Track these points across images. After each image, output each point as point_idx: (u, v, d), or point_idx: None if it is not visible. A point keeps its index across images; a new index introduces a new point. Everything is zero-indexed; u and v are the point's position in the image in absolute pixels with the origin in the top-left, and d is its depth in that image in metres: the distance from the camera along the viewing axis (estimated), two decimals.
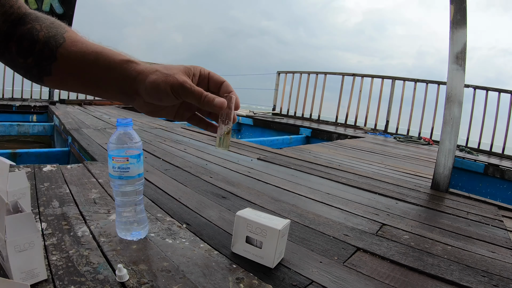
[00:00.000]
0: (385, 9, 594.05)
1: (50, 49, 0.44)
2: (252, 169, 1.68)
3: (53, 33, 0.45)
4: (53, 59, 0.44)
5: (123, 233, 0.76)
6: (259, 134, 4.86)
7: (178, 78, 0.42)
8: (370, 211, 1.19)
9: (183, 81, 0.42)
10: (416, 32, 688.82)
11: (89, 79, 0.45)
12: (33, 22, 0.45)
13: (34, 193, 1.00)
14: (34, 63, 0.44)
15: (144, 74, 0.43)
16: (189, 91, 0.42)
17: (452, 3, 1.51)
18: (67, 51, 0.44)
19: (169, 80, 0.41)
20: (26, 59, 0.44)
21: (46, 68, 0.44)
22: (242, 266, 0.70)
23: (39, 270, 0.56)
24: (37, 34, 0.44)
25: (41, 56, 0.44)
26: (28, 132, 3.43)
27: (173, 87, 0.41)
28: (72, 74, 0.45)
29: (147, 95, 0.43)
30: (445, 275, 0.75)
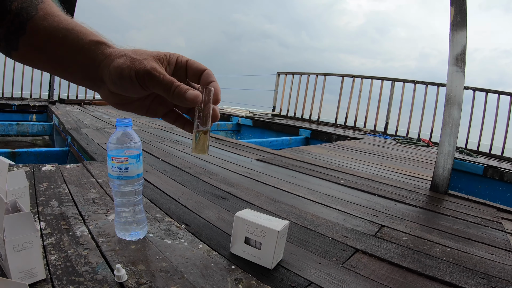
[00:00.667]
0: (387, 11, 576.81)
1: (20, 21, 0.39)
2: (251, 170, 1.68)
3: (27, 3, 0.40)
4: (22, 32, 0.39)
5: (122, 233, 0.76)
6: (258, 135, 4.86)
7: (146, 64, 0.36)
8: (369, 212, 1.19)
9: (151, 68, 0.36)
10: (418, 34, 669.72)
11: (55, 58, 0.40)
12: None
13: (33, 192, 1.00)
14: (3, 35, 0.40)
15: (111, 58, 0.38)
16: (156, 80, 0.36)
17: (452, 5, 1.51)
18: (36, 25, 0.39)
19: (134, 65, 0.36)
20: None
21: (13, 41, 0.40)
22: (241, 267, 0.69)
23: (38, 270, 0.56)
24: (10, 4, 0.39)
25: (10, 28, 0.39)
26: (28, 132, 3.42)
27: (138, 74, 0.36)
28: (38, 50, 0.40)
29: (111, 83, 0.38)
30: (444, 276, 0.75)
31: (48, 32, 0.39)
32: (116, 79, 0.37)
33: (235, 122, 5.16)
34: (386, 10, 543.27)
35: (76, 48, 0.38)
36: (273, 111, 6.43)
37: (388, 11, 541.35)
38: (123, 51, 0.38)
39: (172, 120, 0.43)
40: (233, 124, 5.14)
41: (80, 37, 0.39)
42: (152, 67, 0.36)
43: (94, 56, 0.38)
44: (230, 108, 6.62)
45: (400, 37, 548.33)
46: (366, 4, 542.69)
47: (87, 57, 0.38)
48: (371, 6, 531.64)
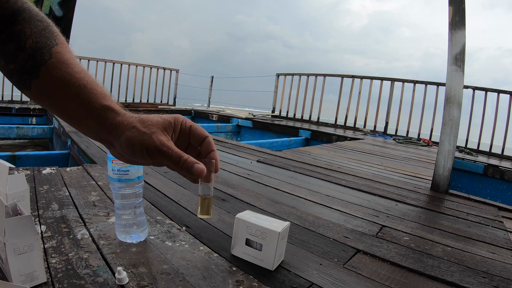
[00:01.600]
0: (390, 11, 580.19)
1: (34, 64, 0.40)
2: (251, 171, 1.68)
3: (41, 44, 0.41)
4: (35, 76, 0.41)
5: (123, 235, 0.76)
6: (258, 136, 4.86)
7: (154, 139, 0.39)
8: (370, 213, 1.19)
9: (160, 144, 0.39)
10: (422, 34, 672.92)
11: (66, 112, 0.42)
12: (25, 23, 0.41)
13: (34, 195, 1.00)
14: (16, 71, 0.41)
15: (120, 129, 0.40)
16: (166, 155, 0.39)
17: (451, 5, 1.51)
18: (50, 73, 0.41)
19: (145, 141, 0.39)
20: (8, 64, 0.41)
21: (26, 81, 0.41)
22: (242, 269, 0.69)
23: (39, 273, 0.56)
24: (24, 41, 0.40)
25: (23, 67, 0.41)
26: (28, 135, 3.42)
27: (149, 149, 0.39)
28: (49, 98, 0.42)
29: (122, 151, 0.41)
30: (445, 276, 0.75)
31: (60, 85, 0.40)
32: (128, 151, 0.40)
33: (235, 123, 5.16)
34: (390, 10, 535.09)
35: (87, 111, 0.41)
36: (273, 112, 6.44)
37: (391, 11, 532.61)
38: (132, 122, 0.41)
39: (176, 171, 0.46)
40: (233, 125, 5.14)
41: (92, 99, 0.41)
42: (161, 143, 0.39)
43: (104, 124, 0.41)
44: (230, 109, 6.63)
45: (404, 37, 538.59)
46: (369, 5, 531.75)
47: (97, 123, 0.41)
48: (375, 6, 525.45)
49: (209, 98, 7.41)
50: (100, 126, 0.41)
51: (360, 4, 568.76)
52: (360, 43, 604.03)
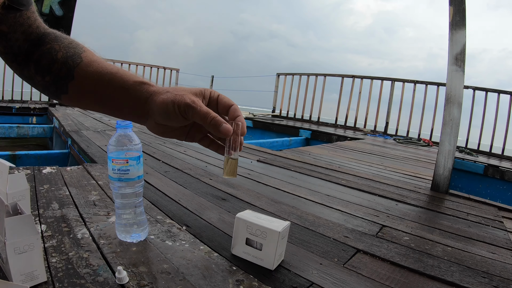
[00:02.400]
0: (394, 11, 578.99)
1: (67, 68, 0.46)
2: (252, 171, 1.68)
3: (71, 53, 0.47)
4: (70, 78, 0.46)
5: (123, 235, 0.76)
6: (258, 136, 4.86)
7: (186, 98, 0.42)
8: (370, 212, 1.19)
9: (191, 101, 0.42)
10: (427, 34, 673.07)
11: (104, 98, 0.46)
12: (52, 42, 0.47)
13: (34, 195, 1.00)
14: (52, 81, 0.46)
15: (156, 95, 0.44)
16: (195, 111, 0.42)
17: (451, 4, 1.51)
18: (83, 71, 0.46)
19: (177, 99, 0.42)
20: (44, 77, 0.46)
21: (63, 86, 0.46)
22: (242, 268, 0.69)
23: (39, 272, 0.56)
24: (55, 54, 0.46)
25: (58, 75, 0.46)
26: (28, 134, 3.42)
27: (180, 107, 0.42)
28: (88, 92, 0.47)
29: (158, 115, 0.43)
30: (446, 276, 0.75)
31: (95, 77, 0.45)
32: (162, 112, 0.43)
33: None
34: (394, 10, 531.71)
35: (122, 89, 0.45)
36: (273, 112, 6.44)
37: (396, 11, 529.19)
38: (166, 88, 0.45)
39: (207, 144, 0.49)
40: None
41: (125, 79, 0.45)
42: (191, 100, 0.42)
43: (139, 95, 0.45)
44: None
45: (408, 37, 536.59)
46: (373, 4, 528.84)
47: (133, 96, 0.45)
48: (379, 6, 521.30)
49: None
50: (137, 99, 0.45)
51: (364, 3, 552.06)
52: (364, 43, 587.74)
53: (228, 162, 0.47)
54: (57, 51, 0.46)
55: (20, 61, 0.47)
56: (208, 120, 0.42)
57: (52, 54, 0.46)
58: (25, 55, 0.47)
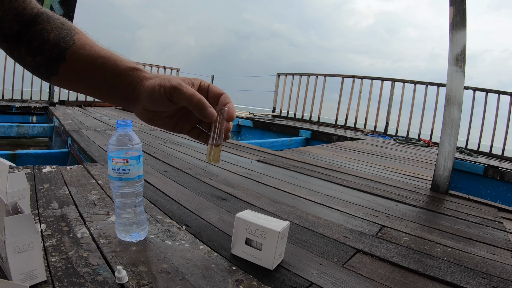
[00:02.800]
0: (396, 11, 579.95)
1: (59, 50, 0.45)
2: (251, 171, 1.68)
3: (63, 34, 0.46)
4: (62, 59, 0.45)
5: (123, 234, 0.76)
6: (259, 136, 4.86)
7: (173, 81, 0.42)
8: (370, 213, 1.19)
9: (176, 83, 0.42)
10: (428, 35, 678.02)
11: (94, 82, 0.46)
12: (44, 22, 0.46)
13: (34, 194, 1.00)
14: (43, 62, 0.46)
15: (145, 80, 0.44)
16: (181, 92, 0.42)
17: (452, 5, 1.51)
18: (76, 54, 0.45)
19: (163, 83, 0.42)
20: (35, 57, 0.46)
21: (53, 68, 0.46)
22: (242, 268, 0.69)
23: (39, 272, 0.56)
24: (47, 35, 0.45)
25: (50, 56, 0.45)
26: (28, 133, 3.43)
27: (166, 89, 0.42)
28: (78, 75, 0.46)
29: (145, 100, 0.43)
30: (445, 276, 0.75)
31: (87, 60, 0.45)
32: (149, 94, 0.43)
33: (236, 123, 5.16)
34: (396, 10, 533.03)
35: (115, 73, 0.45)
36: (273, 112, 6.43)
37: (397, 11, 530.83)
38: (156, 74, 0.45)
39: (196, 135, 0.48)
40: (234, 125, 5.12)
41: (118, 64, 0.45)
42: (178, 83, 0.42)
43: (131, 80, 0.45)
44: None
45: (410, 37, 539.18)
46: (375, 4, 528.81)
47: (125, 80, 0.45)
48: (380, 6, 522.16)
49: None
50: (128, 85, 0.45)
51: (366, 3, 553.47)
52: (365, 42, 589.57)
53: (211, 148, 0.46)
54: (50, 32, 0.46)
55: (10, 41, 0.46)
56: (194, 101, 0.42)
57: (44, 35, 0.45)
58: (16, 36, 0.46)
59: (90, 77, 0.46)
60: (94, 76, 0.45)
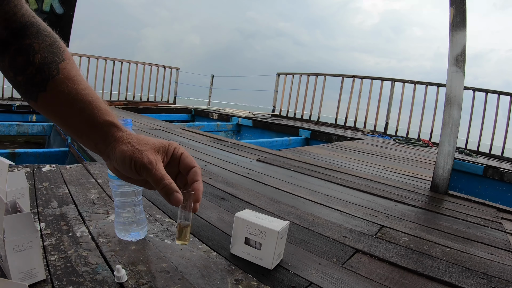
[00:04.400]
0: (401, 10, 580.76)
1: (41, 78, 0.43)
2: (251, 170, 1.68)
3: (49, 59, 0.43)
4: (42, 89, 0.43)
5: (122, 233, 0.76)
6: (258, 136, 4.86)
7: (144, 156, 0.41)
8: (369, 213, 1.19)
9: (147, 162, 0.41)
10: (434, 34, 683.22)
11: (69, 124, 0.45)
12: (33, 38, 0.43)
13: (33, 193, 1.00)
14: (23, 83, 0.44)
15: (118, 143, 0.43)
16: (150, 173, 0.41)
17: (452, 6, 1.51)
18: (56, 89, 0.43)
19: (135, 155, 0.41)
20: (16, 76, 0.44)
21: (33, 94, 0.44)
22: (241, 268, 0.69)
23: (38, 270, 0.56)
24: (33, 55, 0.43)
25: (31, 80, 0.43)
26: (28, 132, 3.42)
27: (136, 164, 0.41)
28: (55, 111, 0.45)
29: (115, 163, 0.43)
30: (444, 277, 0.75)
31: (66, 100, 0.43)
32: (119, 162, 0.42)
33: (235, 122, 5.16)
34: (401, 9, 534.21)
35: (90, 125, 0.44)
36: (273, 111, 6.44)
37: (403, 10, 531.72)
38: (129, 138, 0.43)
39: None
40: (233, 124, 5.14)
41: (96, 114, 0.43)
42: (148, 161, 0.41)
43: (105, 137, 0.44)
44: (230, 108, 6.63)
45: (416, 36, 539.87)
46: (380, 3, 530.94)
47: (99, 135, 0.44)
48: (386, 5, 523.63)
49: (209, 96, 7.41)
50: (101, 139, 0.44)
51: (371, 2, 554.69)
52: (370, 41, 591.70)
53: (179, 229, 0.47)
54: (36, 52, 0.43)
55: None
56: (160, 187, 0.41)
57: (30, 54, 0.43)
58: (2, 44, 0.43)
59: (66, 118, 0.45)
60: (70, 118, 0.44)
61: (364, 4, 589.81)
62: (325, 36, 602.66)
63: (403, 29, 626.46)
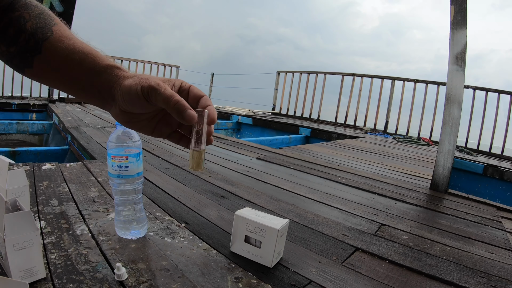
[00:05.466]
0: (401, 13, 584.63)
1: (35, 41, 0.42)
2: (251, 168, 1.68)
3: (41, 24, 0.43)
4: (37, 52, 0.42)
5: (122, 231, 0.76)
6: (258, 134, 4.86)
7: (150, 81, 0.40)
8: (369, 211, 1.19)
9: (154, 84, 0.39)
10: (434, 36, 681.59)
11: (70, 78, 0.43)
12: (22, 9, 0.43)
13: (33, 191, 1.00)
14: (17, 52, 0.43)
15: (123, 79, 0.41)
16: (159, 92, 0.39)
17: (453, 4, 1.51)
18: (53, 46, 0.42)
19: (141, 82, 0.40)
20: (9, 47, 0.43)
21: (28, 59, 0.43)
22: (241, 266, 0.70)
23: (38, 269, 0.56)
24: (24, 24, 0.42)
25: (25, 47, 0.42)
26: (28, 131, 3.42)
27: (144, 88, 0.39)
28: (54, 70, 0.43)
29: (122, 100, 0.41)
30: (444, 275, 0.75)
31: (65, 54, 0.42)
32: (125, 94, 0.40)
33: (235, 120, 5.16)
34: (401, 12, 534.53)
35: (93, 71, 0.42)
36: (273, 109, 6.43)
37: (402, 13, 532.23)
38: (135, 74, 0.42)
39: (176, 140, 0.46)
40: (233, 122, 5.14)
41: (97, 61, 0.42)
42: (156, 83, 0.40)
43: (109, 78, 0.42)
44: (230, 106, 6.62)
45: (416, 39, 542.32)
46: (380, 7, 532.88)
47: (103, 79, 0.42)
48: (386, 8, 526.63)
49: (209, 95, 7.41)
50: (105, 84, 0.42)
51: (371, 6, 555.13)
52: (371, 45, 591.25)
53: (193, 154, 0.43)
54: (27, 20, 0.42)
55: None
56: (172, 104, 0.39)
57: (21, 23, 0.42)
58: None
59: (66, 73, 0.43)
60: (70, 72, 0.43)
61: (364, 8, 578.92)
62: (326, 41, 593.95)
63: (403, 32, 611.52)
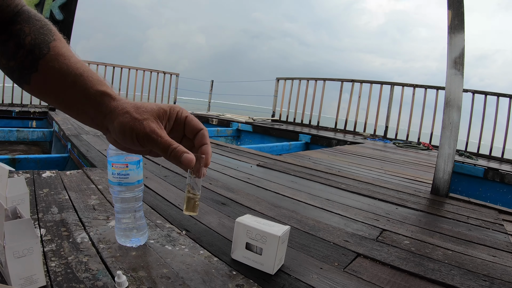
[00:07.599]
0: (407, 10, 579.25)
1: (33, 58, 0.42)
2: (251, 175, 1.68)
3: (39, 40, 0.43)
4: (34, 70, 0.42)
5: (123, 239, 0.75)
6: (258, 141, 4.86)
7: (145, 126, 0.39)
8: (370, 216, 1.18)
9: (150, 131, 0.39)
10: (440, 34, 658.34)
11: (65, 100, 0.43)
12: (23, 23, 0.43)
13: (33, 199, 1.00)
14: (16, 67, 0.43)
15: (114, 114, 0.41)
16: (155, 142, 0.39)
17: (450, 8, 1.52)
18: (48, 65, 0.42)
19: (136, 127, 0.39)
20: (9, 61, 0.43)
21: (26, 76, 0.43)
22: (242, 273, 0.69)
23: (38, 276, 0.56)
24: (23, 38, 0.42)
25: (23, 63, 0.43)
26: (28, 138, 3.42)
27: (139, 135, 0.39)
28: (49, 90, 0.43)
29: (115, 136, 0.41)
30: (446, 280, 0.75)
31: (59, 75, 0.42)
32: (120, 136, 0.40)
33: (235, 127, 5.16)
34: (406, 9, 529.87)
35: (84, 96, 0.42)
36: (273, 116, 6.45)
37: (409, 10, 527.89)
38: (126, 107, 0.41)
39: None
40: (233, 130, 5.14)
41: (88, 86, 0.42)
42: (151, 130, 0.39)
43: (100, 108, 0.41)
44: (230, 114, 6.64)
45: (421, 37, 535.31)
46: (386, 4, 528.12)
47: (93, 107, 0.42)
48: (391, 5, 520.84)
49: (209, 102, 7.43)
50: (96, 111, 0.42)
51: (376, 3, 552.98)
52: (376, 42, 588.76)
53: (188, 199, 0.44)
54: (26, 35, 0.42)
55: None
56: (169, 153, 0.39)
57: (20, 38, 0.42)
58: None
59: (60, 94, 0.43)
60: (64, 93, 0.43)
61: (369, 5, 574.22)
62: (331, 37, 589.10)
63: (408, 30, 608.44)
